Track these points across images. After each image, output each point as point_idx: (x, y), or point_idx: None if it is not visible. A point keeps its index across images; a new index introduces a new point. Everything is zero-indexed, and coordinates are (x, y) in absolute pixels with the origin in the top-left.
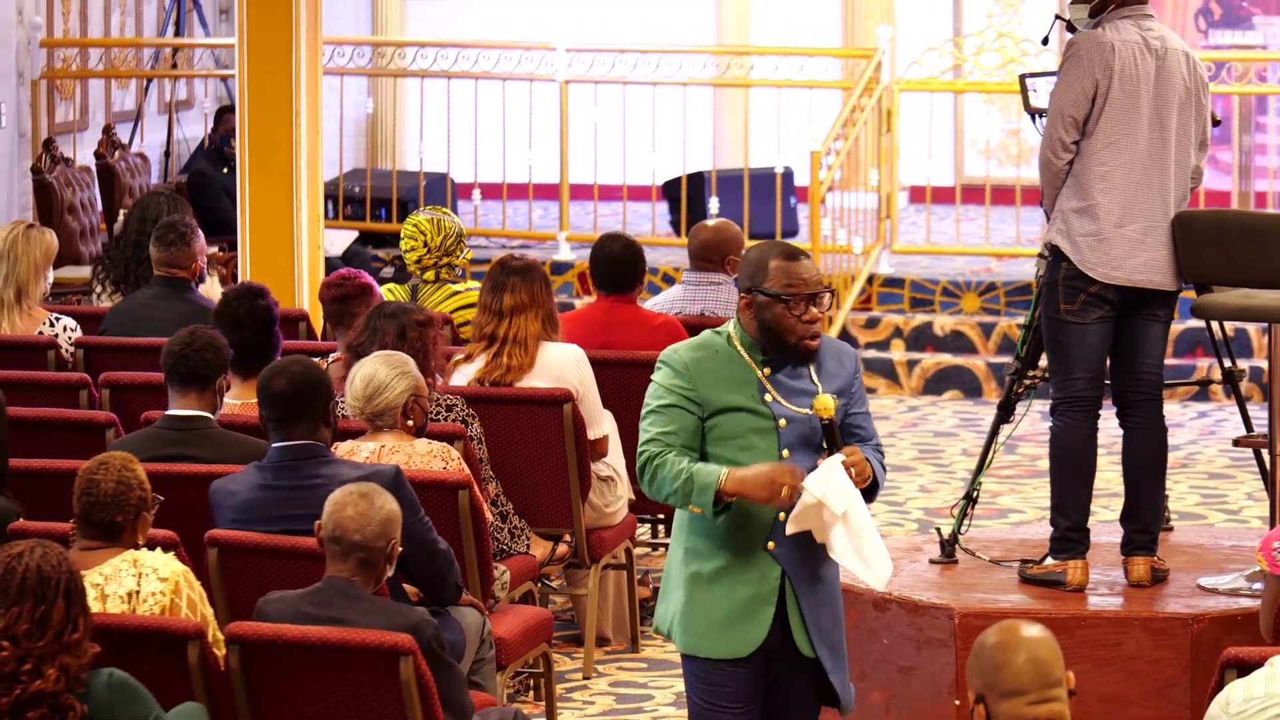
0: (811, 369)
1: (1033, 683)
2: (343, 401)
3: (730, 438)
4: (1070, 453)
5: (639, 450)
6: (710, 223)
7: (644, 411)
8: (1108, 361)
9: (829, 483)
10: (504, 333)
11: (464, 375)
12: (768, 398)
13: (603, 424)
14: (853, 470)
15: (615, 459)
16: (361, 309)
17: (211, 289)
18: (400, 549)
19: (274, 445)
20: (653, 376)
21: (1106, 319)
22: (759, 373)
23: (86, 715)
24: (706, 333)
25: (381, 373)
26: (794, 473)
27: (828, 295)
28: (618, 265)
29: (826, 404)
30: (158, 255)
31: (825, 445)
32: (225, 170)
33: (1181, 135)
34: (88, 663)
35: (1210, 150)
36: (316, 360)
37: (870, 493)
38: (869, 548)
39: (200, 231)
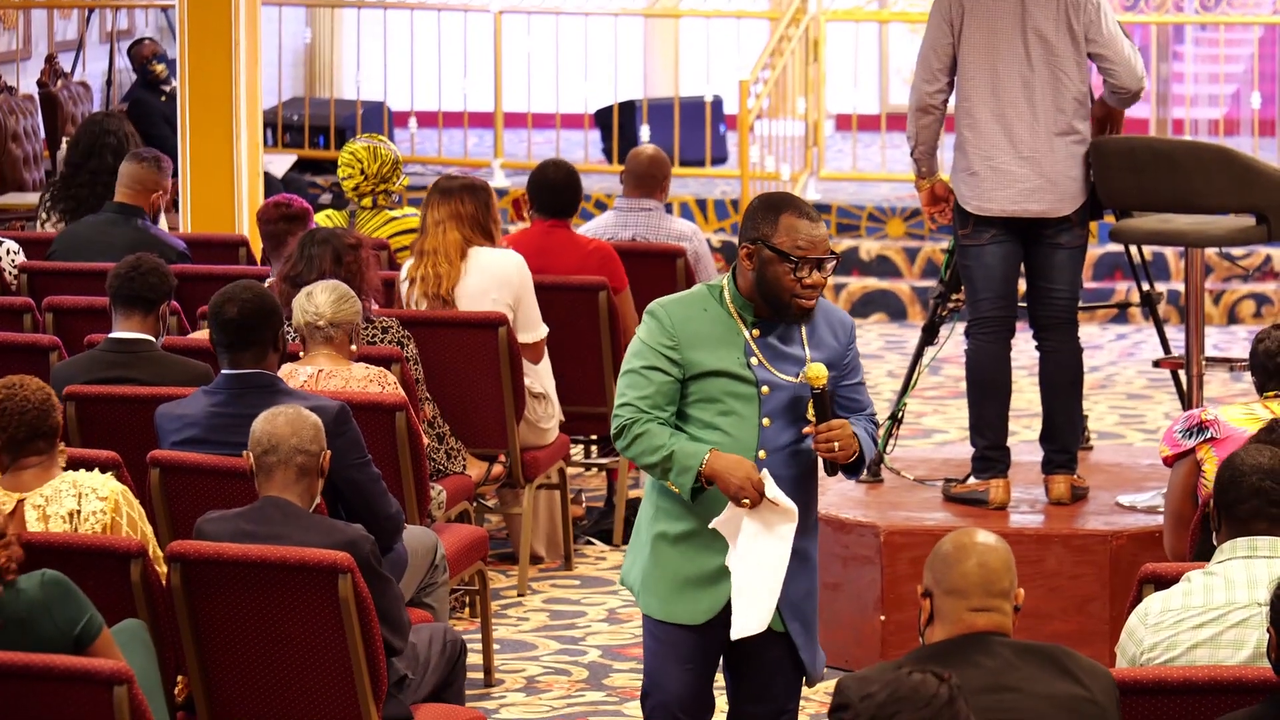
0: (804, 335)
1: (976, 587)
2: (287, 324)
3: (710, 401)
4: (982, 373)
5: (615, 412)
6: (643, 150)
7: (624, 368)
8: (1021, 285)
9: (768, 518)
10: (428, 246)
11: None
12: (753, 361)
13: (539, 328)
14: (836, 445)
15: (546, 380)
16: (302, 231)
17: (160, 222)
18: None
19: (224, 372)
20: (637, 330)
21: (1000, 240)
22: (747, 334)
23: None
24: (700, 287)
25: (341, 288)
26: (758, 484)
27: (832, 262)
28: (560, 192)
29: (819, 372)
30: (128, 169)
31: (814, 416)
32: (164, 98)
33: (1051, 62)
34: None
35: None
36: None
37: (855, 467)
38: (761, 594)
39: (170, 171)
